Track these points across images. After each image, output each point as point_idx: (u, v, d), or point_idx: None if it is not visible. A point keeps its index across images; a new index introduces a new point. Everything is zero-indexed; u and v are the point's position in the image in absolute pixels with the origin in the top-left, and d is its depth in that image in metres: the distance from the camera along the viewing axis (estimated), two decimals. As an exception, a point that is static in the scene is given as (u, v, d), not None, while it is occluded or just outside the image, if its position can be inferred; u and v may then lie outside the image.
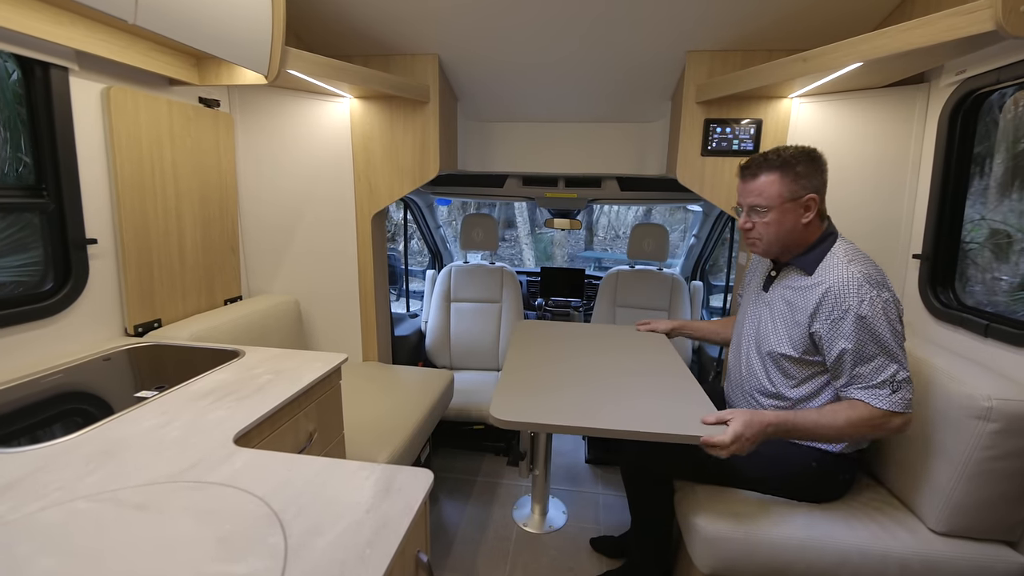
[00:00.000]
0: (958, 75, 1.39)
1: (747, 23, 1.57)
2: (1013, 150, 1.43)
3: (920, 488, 1.21)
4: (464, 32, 1.72)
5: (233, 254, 1.85)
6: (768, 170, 1.19)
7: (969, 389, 1.10)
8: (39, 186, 1.21)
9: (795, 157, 1.18)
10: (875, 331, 1.09)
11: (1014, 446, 1.06)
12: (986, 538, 1.15)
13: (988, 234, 1.53)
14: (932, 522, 1.17)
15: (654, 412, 1.20)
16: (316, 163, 1.94)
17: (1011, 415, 1.05)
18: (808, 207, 1.18)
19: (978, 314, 1.34)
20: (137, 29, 1.19)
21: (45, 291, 1.24)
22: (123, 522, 0.67)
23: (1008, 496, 1.11)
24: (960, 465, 1.11)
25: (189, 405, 1.01)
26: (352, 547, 0.64)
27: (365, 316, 2.05)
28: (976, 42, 1.15)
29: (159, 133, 1.47)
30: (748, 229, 1.25)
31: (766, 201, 1.19)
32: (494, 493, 2.07)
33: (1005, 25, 0.98)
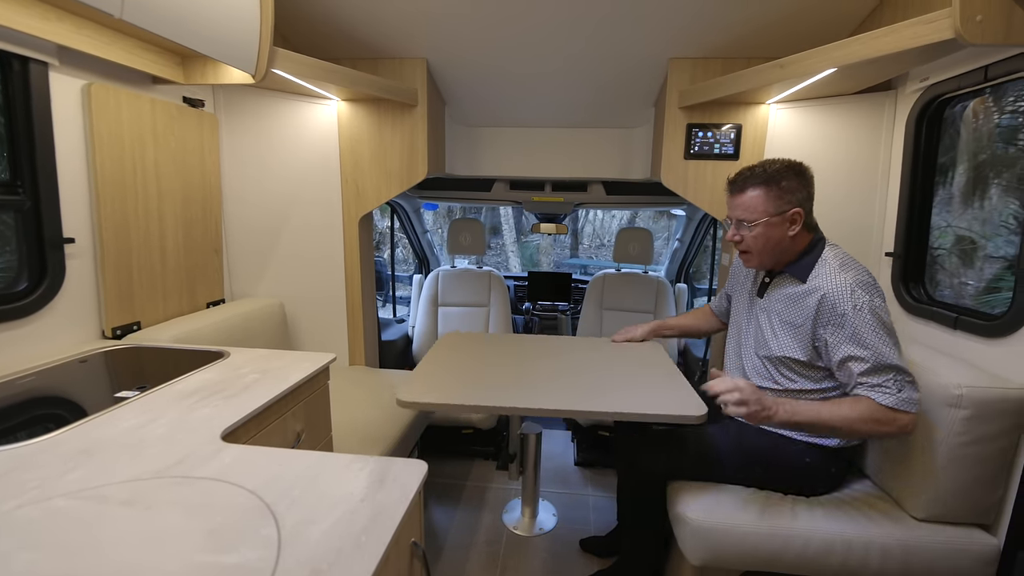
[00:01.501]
0: (922, 82, 1.48)
1: (727, 32, 1.64)
2: (974, 161, 1.50)
3: (900, 476, 1.25)
4: (452, 37, 1.75)
5: (216, 256, 1.81)
6: (754, 185, 1.22)
7: (941, 379, 1.15)
8: (14, 183, 1.18)
9: (780, 172, 1.20)
10: (871, 334, 1.11)
11: (984, 431, 1.11)
12: (962, 522, 1.19)
13: (954, 240, 1.60)
14: (912, 509, 1.21)
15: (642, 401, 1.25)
16: (302, 165, 1.93)
17: (980, 401, 1.10)
18: (794, 220, 1.21)
19: (948, 308, 1.41)
20: (121, 25, 1.18)
21: (19, 291, 1.20)
22: (107, 517, 0.65)
23: (981, 480, 1.15)
24: (936, 452, 1.15)
25: (173, 404, 0.98)
26: (347, 535, 0.63)
27: (352, 320, 2.03)
28: (938, 49, 1.23)
29: (141, 132, 1.45)
30: (738, 242, 1.27)
31: (752, 216, 1.22)
32: (483, 497, 2.05)
33: (963, 33, 1.05)
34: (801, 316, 1.20)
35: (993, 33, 1.04)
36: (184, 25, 1.19)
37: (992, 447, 1.12)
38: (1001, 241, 1.54)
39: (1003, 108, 1.43)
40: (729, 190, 1.28)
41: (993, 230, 1.50)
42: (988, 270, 1.52)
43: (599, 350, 1.69)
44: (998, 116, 1.44)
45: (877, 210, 1.69)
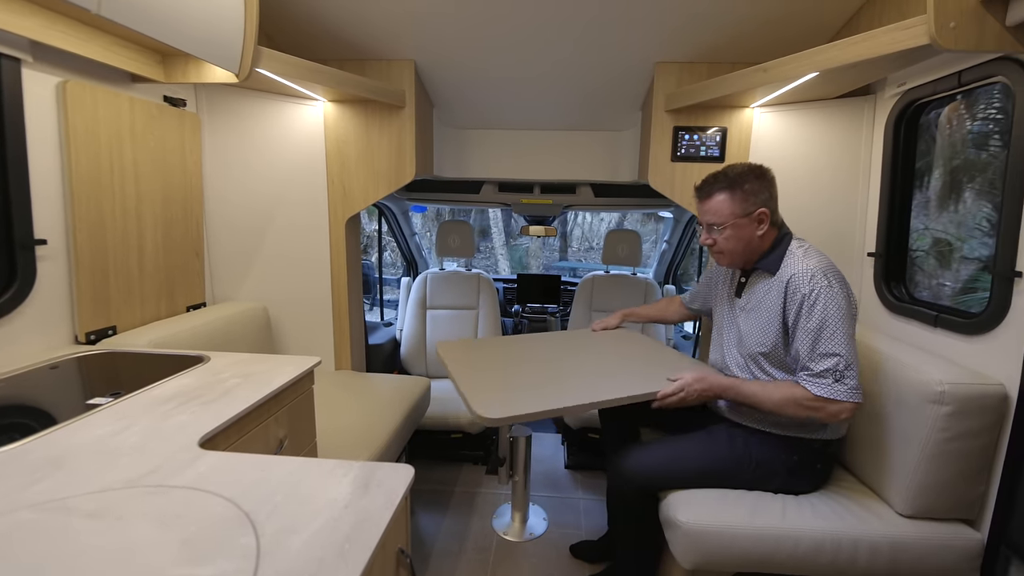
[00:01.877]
0: (899, 87, 1.51)
1: (712, 37, 1.66)
2: (949, 166, 1.53)
3: (885, 473, 1.26)
4: (440, 40, 1.74)
5: (197, 258, 1.77)
6: (719, 190, 1.28)
7: (923, 376, 1.17)
8: None
9: (742, 175, 1.27)
10: (823, 320, 1.15)
11: (966, 427, 1.13)
12: (947, 518, 1.21)
13: (932, 243, 1.64)
14: (898, 505, 1.22)
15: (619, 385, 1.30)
16: (287, 166, 1.90)
17: (961, 398, 1.12)
18: (761, 220, 1.27)
19: (928, 306, 1.43)
20: (99, 21, 1.15)
21: (-15, 294, 1.15)
22: (72, 530, 0.61)
23: (964, 475, 1.17)
24: (920, 448, 1.16)
25: (148, 411, 0.95)
26: (330, 543, 0.60)
27: (338, 323, 1.99)
28: (914, 55, 1.27)
29: (119, 131, 1.41)
30: (711, 245, 1.33)
31: (720, 219, 1.28)
32: (472, 503, 2.02)
33: (938, 39, 1.08)
34: (773, 307, 1.25)
35: (966, 40, 1.08)
36: (165, 22, 1.15)
37: (974, 443, 1.14)
38: (976, 243, 1.58)
39: (975, 115, 1.47)
40: (697, 196, 1.34)
41: (968, 233, 1.55)
42: (964, 271, 1.56)
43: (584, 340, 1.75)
44: (970, 123, 1.49)
45: (858, 211, 1.72)
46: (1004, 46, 1.08)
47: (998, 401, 1.12)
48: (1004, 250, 1.15)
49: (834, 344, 1.14)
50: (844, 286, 1.19)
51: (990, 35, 1.07)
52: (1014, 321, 1.14)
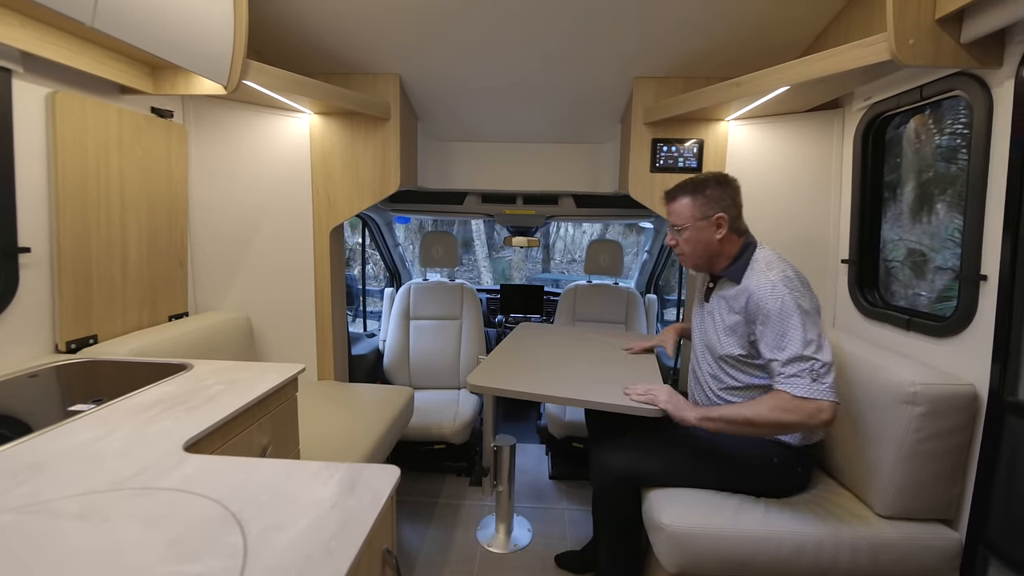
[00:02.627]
0: (866, 101, 1.60)
1: (687, 53, 1.74)
2: (921, 179, 1.60)
3: (864, 475, 1.29)
4: (425, 55, 1.79)
5: (180, 268, 1.77)
6: (683, 194, 1.36)
7: (896, 377, 1.21)
8: None
9: (705, 182, 1.35)
10: (789, 328, 1.18)
11: (939, 427, 1.17)
12: (925, 518, 1.23)
13: (906, 253, 1.69)
14: (877, 507, 1.25)
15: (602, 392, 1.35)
16: (273, 177, 1.92)
17: (934, 398, 1.16)
18: (719, 225, 1.33)
19: (901, 311, 1.50)
20: (90, 33, 1.17)
21: (-34, 302, 1.14)
22: (58, 532, 0.62)
23: (940, 475, 1.20)
24: (896, 449, 1.20)
25: (131, 417, 0.95)
26: (317, 541, 0.62)
27: (321, 333, 1.99)
28: (877, 70, 1.34)
29: (107, 141, 1.42)
30: (674, 245, 1.42)
31: (681, 221, 1.36)
32: (456, 515, 2.01)
33: (898, 55, 1.16)
34: (737, 315, 1.30)
35: (924, 56, 1.15)
36: (157, 35, 1.18)
37: (947, 442, 1.18)
38: (948, 254, 1.64)
39: (943, 130, 1.54)
40: (665, 200, 1.43)
41: (941, 243, 1.59)
42: (939, 281, 1.62)
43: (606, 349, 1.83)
44: (939, 137, 1.55)
45: (831, 220, 1.79)
46: (960, 62, 1.16)
47: (969, 401, 1.17)
48: (968, 255, 1.21)
49: (803, 346, 1.16)
50: (806, 291, 1.23)
51: (946, 51, 1.15)
52: (981, 323, 1.19)
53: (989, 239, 1.17)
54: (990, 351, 1.15)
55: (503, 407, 3.21)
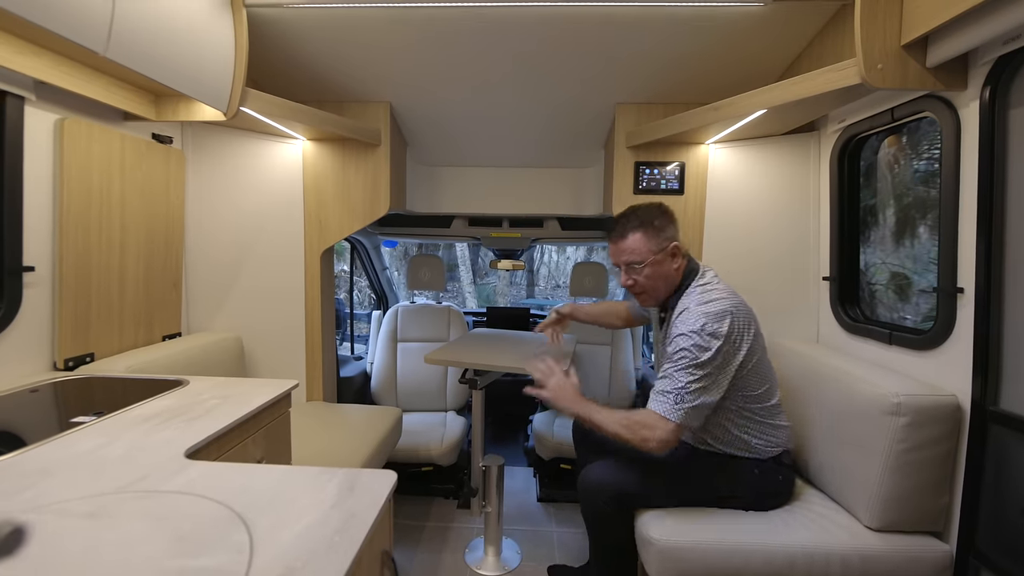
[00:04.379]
0: (840, 123, 1.71)
1: (667, 81, 1.86)
2: (901, 203, 1.67)
3: (851, 487, 1.32)
4: (415, 83, 1.91)
5: (175, 289, 1.82)
6: (632, 229, 1.34)
7: (880, 389, 1.25)
8: None
9: (650, 213, 1.35)
10: (683, 356, 1.22)
11: (923, 437, 1.21)
12: (914, 530, 1.25)
13: (890, 276, 1.75)
14: (866, 518, 1.27)
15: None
16: (266, 201, 2.00)
17: (916, 408, 1.20)
18: (674, 254, 1.35)
19: (882, 325, 1.57)
20: (99, 63, 1.26)
21: (-30, 319, 1.19)
22: (71, 530, 0.66)
23: (927, 486, 1.23)
24: (881, 460, 1.23)
25: (132, 428, 0.99)
26: (320, 537, 0.66)
27: (310, 354, 2.04)
28: (848, 94, 1.44)
29: (110, 166, 1.50)
30: (631, 286, 1.38)
31: (639, 257, 1.33)
32: (445, 538, 2.02)
33: (867, 79, 1.23)
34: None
35: (892, 79, 1.23)
36: (163, 63, 1.28)
37: (932, 452, 1.21)
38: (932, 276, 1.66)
39: (920, 154, 1.60)
40: (611, 238, 1.39)
41: (924, 266, 1.63)
42: (924, 304, 1.66)
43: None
44: (917, 161, 1.62)
45: (811, 238, 1.89)
46: (927, 85, 1.24)
47: (952, 411, 1.20)
48: (944, 268, 1.28)
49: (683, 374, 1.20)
50: (726, 334, 1.22)
51: (913, 75, 1.23)
52: (961, 334, 1.23)
53: (964, 252, 1.22)
54: (971, 362, 1.19)
55: (491, 428, 3.23)
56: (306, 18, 1.58)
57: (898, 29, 1.22)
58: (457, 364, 1.84)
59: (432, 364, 1.88)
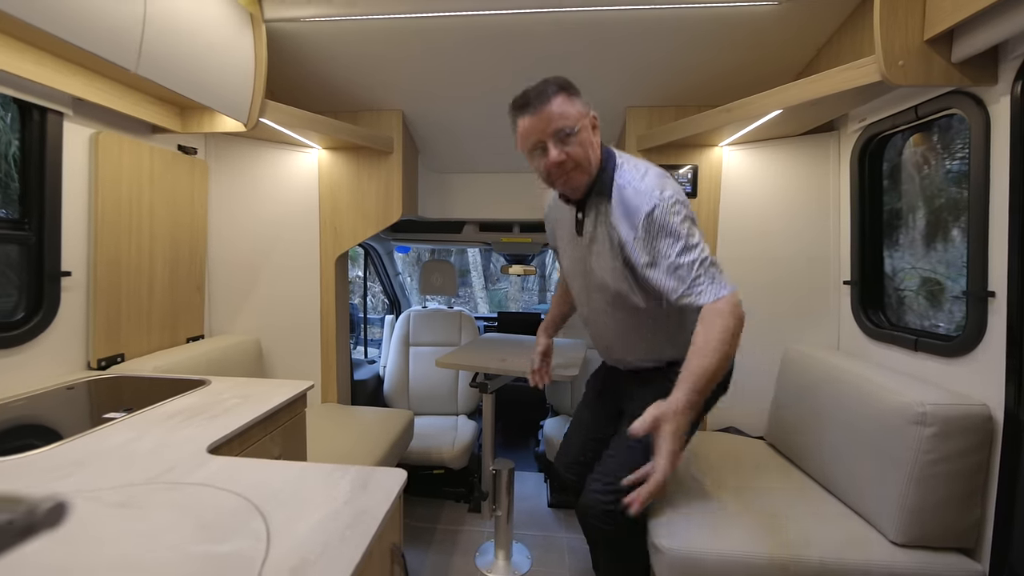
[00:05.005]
0: (861, 122, 1.67)
1: (677, 83, 1.87)
2: (931, 205, 1.60)
3: (874, 499, 1.27)
4: (426, 91, 1.97)
5: (198, 293, 1.91)
6: (555, 93, 1.12)
7: (905, 398, 1.20)
8: (23, 220, 1.31)
9: (561, 79, 1.15)
10: (668, 228, 1.06)
11: (952, 448, 1.15)
12: (943, 546, 1.20)
13: (920, 282, 1.67)
14: (890, 533, 1.22)
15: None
16: (284, 208, 2.08)
17: (944, 418, 1.15)
18: (595, 126, 1.16)
19: (907, 331, 1.51)
20: (129, 79, 1.34)
21: (15, 321, 1.29)
22: (104, 516, 0.72)
23: (956, 500, 1.17)
24: (907, 471, 1.18)
25: (159, 424, 1.06)
26: (333, 530, 0.70)
27: (325, 357, 2.11)
28: (868, 92, 1.40)
29: (139, 177, 1.59)
30: (562, 162, 1.12)
31: (571, 121, 1.10)
32: (455, 540, 2.05)
33: (888, 76, 1.20)
34: (617, 232, 1.14)
35: (915, 75, 1.19)
36: (188, 79, 1.37)
37: (962, 465, 1.16)
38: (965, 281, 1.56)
39: (953, 154, 1.51)
40: (526, 111, 1.13)
41: (958, 271, 1.54)
42: (958, 312, 1.53)
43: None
44: (949, 162, 1.54)
45: (831, 242, 1.85)
46: (953, 80, 1.20)
47: (982, 421, 1.15)
48: (974, 271, 1.23)
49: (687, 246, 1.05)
50: (677, 190, 1.12)
51: (938, 71, 1.19)
52: (992, 340, 1.18)
53: (995, 255, 1.18)
54: (1003, 369, 1.14)
55: (502, 433, 3.26)
56: (322, 32, 1.66)
57: (920, 24, 1.18)
58: (468, 368, 1.87)
59: (443, 368, 1.91)
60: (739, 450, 1.75)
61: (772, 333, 1.91)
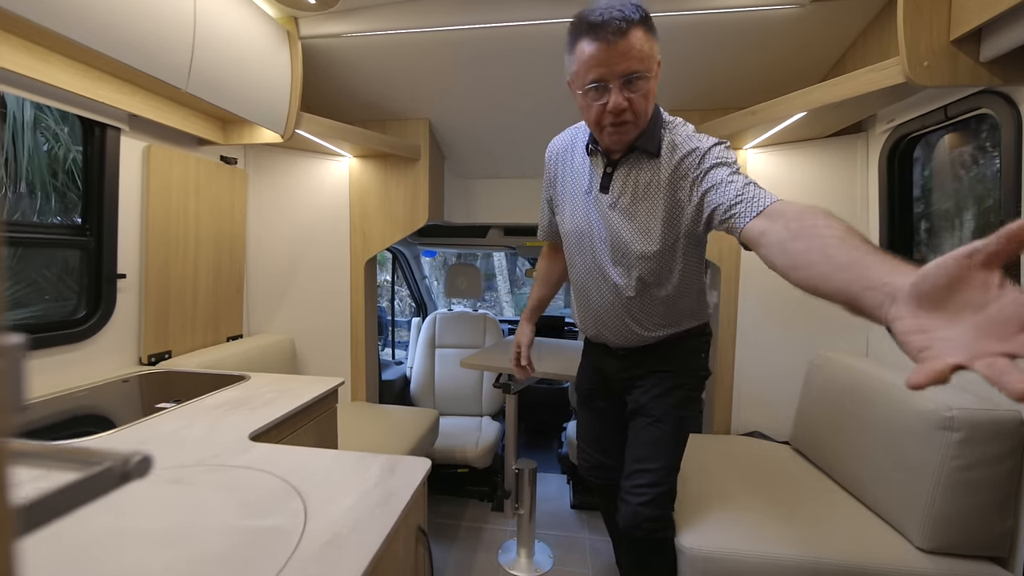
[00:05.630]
0: (889, 123, 1.65)
1: (703, 86, 1.89)
2: (981, 206, 1.55)
3: (900, 505, 1.26)
4: (452, 100, 2.05)
5: (238, 295, 2.03)
6: (635, 25, 0.93)
7: (930, 403, 1.19)
8: (84, 227, 1.45)
9: (645, 9, 0.96)
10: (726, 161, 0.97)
11: (980, 454, 1.14)
12: (973, 555, 1.18)
13: None
14: (917, 539, 1.20)
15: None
16: (316, 214, 2.20)
17: (972, 423, 1.13)
18: (658, 74, 1.00)
19: None
20: (179, 96, 1.46)
21: (77, 318, 1.42)
22: (160, 492, 0.81)
23: (986, 507, 1.15)
24: (934, 477, 1.17)
25: (205, 413, 1.15)
26: (363, 509, 0.77)
27: (355, 357, 2.20)
28: (895, 93, 1.39)
29: (186, 186, 1.72)
30: (624, 109, 0.98)
31: (645, 66, 0.95)
32: (479, 538, 2.10)
33: (912, 77, 1.19)
34: (660, 195, 1.04)
35: (940, 76, 1.18)
36: (231, 95, 1.48)
37: (992, 471, 1.14)
38: None
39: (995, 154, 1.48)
40: (600, 35, 0.94)
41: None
42: None
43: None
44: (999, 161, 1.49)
45: None
46: (981, 80, 1.18)
47: (1014, 427, 1.13)
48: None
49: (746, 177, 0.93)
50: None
51: (964, 70, 1.17)
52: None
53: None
54: None
55: (525, 435, 3.30)
56: (353, 47, 1.76)
57: (946, 24, 1.17)
58: (491, 369, 1.93)
59: (467, 368, 1.97)
60: (764, 454, 1.75)
61: (799, 338, 1.91)
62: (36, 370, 1.28)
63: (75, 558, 0.63)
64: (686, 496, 1.42)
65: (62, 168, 2.12)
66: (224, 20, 1.41)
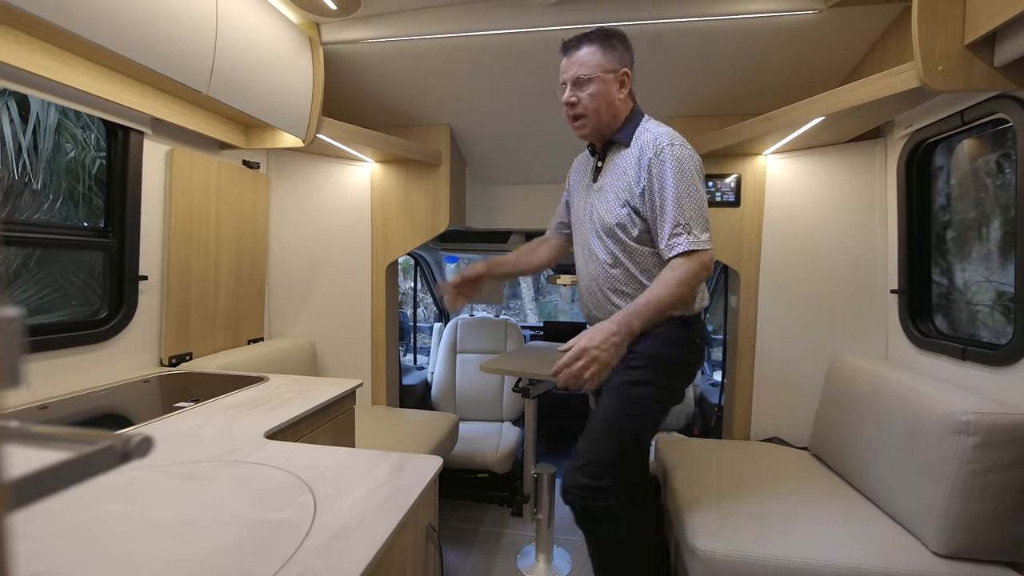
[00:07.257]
0: (907, 129, 1.64)
1: (720, 91, 1.88)
2: (1008, 215, 1.53)
3: (916, 507, 1.25)
4: (473, 106, 2.06)
5: (259, 298, 2.06)
6: (589, 43, 1.26)
7: (947, 407, 1.19)
8: (107, 229, 1.48)
9: (611, 33, 1.27)
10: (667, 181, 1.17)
11: (997, 459, 1.13)
12: (990, 560, 1.16)
13: (995, 296, 1.60)
14: (933, 543, 1.19)
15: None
16: (338, 219, 2.22)
17: (989, 427, 1.12)
18: (623, 82, 1.28)
19: (955, 340, 1.48)
20: (200, 100, 1.50)
21: (99, 319, 1.45)
22: (172, 486, 0.81)
23: (1002, 512, 1.14)
24: (950, 481, 1.16)
25: (223, 412, 1.16)
26: (372, 504, 0.77)
27: (375, 360, 2.21)
28: (911, 98, 1.39)
29: (208, 189, 1.75)
30: (574, 104, 1.28)
31: (589, 71, 1.25)
32: (498, 543, 2.08)
33: (927, 82, 1.20)
34: (626, 177, 1.26)
35: (955, 81, 1.19)
36: (252, 99, 1.51)
37: (1008, 476, 1.13)
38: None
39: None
40: (564, 51, 1.30)
41: None
42: None
43: None
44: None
45: (879, 250, 1.81)
46: (996, 85, 1.18)
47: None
48: (1022, 277, 1.20)
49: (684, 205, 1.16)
50: (689, 148, 1.23)
51: (979, 75, 1.18)
52: None
53: None
54: None
55: (545, 442, 3.27)
56: (374, 53, 1.79)
57: (961, 28, 1.18)
58: (511, 373, 1.92)
59: (487, 373, 1.96)
60: (782, 460, 1.74)
61: (818, 343, 1.89)
62: (56, 370, 1.31)
63: (81, 542, 0.64)
64: (702, 499, 1.44)
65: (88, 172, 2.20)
66: (245, 25, 1.44)
